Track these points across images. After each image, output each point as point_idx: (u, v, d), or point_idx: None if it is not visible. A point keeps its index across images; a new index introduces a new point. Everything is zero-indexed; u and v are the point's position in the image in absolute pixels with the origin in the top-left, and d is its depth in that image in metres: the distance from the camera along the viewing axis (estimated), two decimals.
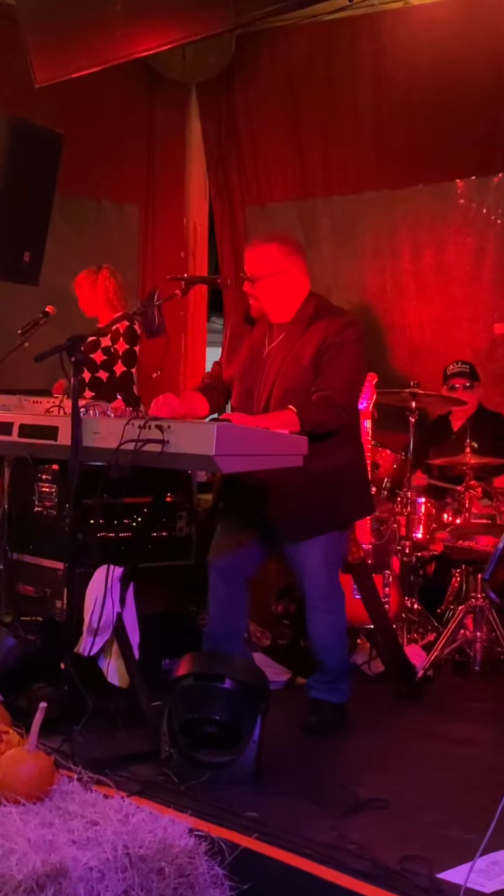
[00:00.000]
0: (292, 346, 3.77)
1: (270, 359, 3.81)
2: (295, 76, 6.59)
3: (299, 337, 3.77)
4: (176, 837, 2.64)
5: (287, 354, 3.76)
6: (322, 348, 3.71)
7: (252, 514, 3.84)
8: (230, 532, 3.95)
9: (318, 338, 3.72)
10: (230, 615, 3.96)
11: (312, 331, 3.75)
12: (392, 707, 4.20)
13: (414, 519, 4.86)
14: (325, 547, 3.79)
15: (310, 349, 3.72)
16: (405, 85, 6.11)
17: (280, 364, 3.77)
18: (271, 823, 2.88)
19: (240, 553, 3.93)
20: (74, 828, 2.64)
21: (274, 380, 3.76)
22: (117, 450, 3.29)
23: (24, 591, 4.08)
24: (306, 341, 3.74)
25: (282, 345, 3.80)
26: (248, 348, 3.89)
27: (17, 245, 4.44)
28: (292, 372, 3.74)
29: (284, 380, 3.74)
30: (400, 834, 2.89)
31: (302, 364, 3.72)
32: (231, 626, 3.96)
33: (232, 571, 3.93)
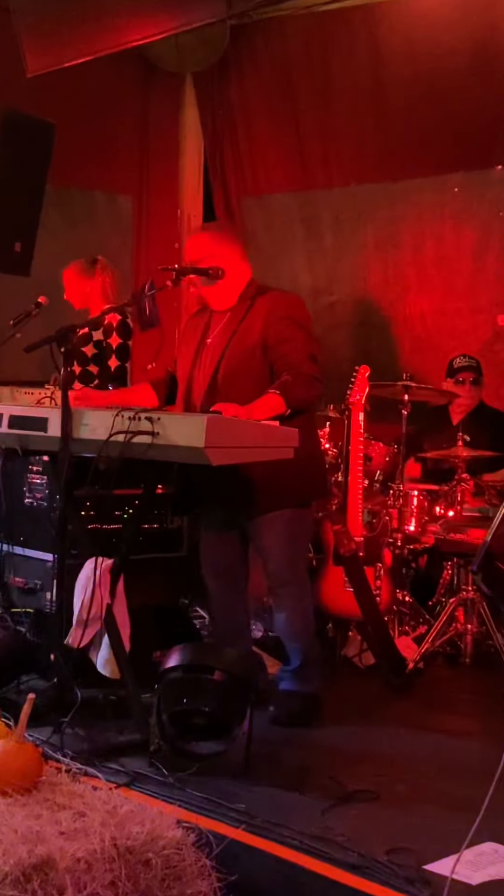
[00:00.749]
0: (236, 327, 3.78)
1: (213, 345, 3.83)
2: (291, 67, 6.55)
3: (243, 316, 3.78)
4: (164, 829, 2.64)
5: (232, 335, 3.78)
6: (269, 324, 3.71)
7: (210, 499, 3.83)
8: (209, 529, 3.98)
9: (263, 314, 3.74)
10: (230, 612, 3.95)
11: (256, 309, 3.77)
12: (382, 699, 4.20)
13: (406, 512, 4.85)
14: (285, 524, 3.77)
15: (256, 327, 3.73)
16: (403, 76, 6.06)
17: (224, 348, 3.78)
18: (259, 815, 2.88)
19: (223, 549, 3.94)
20: (62, 819, 2.64)
21: (218, 363, 3.77)
22: (107, 441, 3.28)
23: (14, 583, 4.08)
24: (251, 320, 3.76)
25: (225, 329, 3.81)
26: (191, 340, 3.93)
27: (8, 235, 4.43)
28: (237, 353, 3.75)
29: (230, 360, 3.75)
30: (388, 826, 2.89)
31: (249, 342, 3.73)
32: (233, 622, 3.96)
33: (221, 569, 3.95)
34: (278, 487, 3.71)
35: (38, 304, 4.72)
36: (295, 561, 3.86)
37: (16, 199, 4.38)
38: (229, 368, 3.75)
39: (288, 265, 6.70)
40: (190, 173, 7.18)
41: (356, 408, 4.57)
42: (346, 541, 4.36)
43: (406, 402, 5.01)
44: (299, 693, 3.86)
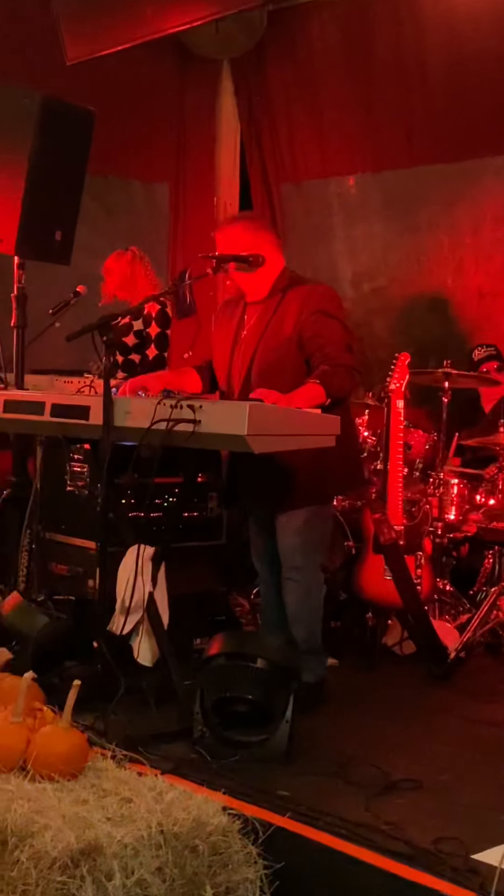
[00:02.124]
0: (269, 319, 3.77)
1: (248, 337, 3.82)
2: (330, 50, 6.46)
3: (275, 310, 3.77)
4: (209, 815, 2.65)
5: (265, 329, 3.77)
6: (303, 317, 3.70)
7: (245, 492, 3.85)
8: (250, 519, 4.01)
9: (297, 307, 3.72)
10: (277, 598, 3.94)
11: (288, 301, 3.75)
12: (424, 688, 4.18)
13: (446, 500, 4.82)
14: (303, 514, 3.76)
15: (290, 319, 3.72)
16: (449, 55, 5.93)
17: (258, 340, 3.77)
18: (304, 802, 2.88)
19: (261, 539, 3.95)
20: (108, 805, 2.66)
21: (252, 356, 3.77)
22: (149, 430, 3.28)
23: (57, 571, 4.10)
24: (284, 312, 3.74)
25: (258, 322, 3.80)
26: (226, 331, 3.92)
27: (49, 224, 4.42)
28: (272, 344, 3.74)
29: (264, 354, 3.74)
30: (434, 814, 2.88)
31: (283, 335, 3.72)
32: (281, 608, 3.94)
33: (264, 557, 3.95)
34: (310, 484, 3.71)
35: (77, 293, 4.73)
36: (308, 548, 3.82)
37: (56, 187, 4.37)
38: (263, 363, 3.74)
39: (326, 252, 6.65)
40: (226, 161, 7.17)
41: (396, 395, 4.54)
42: (385, 529, 4.33)
43: (447, 389, 4.97)
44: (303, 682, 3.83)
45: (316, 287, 3.85)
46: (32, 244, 4.38)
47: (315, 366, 3.65)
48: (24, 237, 4.30)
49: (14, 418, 3.83)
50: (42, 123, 4.25)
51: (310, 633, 3.86)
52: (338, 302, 3.86)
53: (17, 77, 5.13)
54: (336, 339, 3.69)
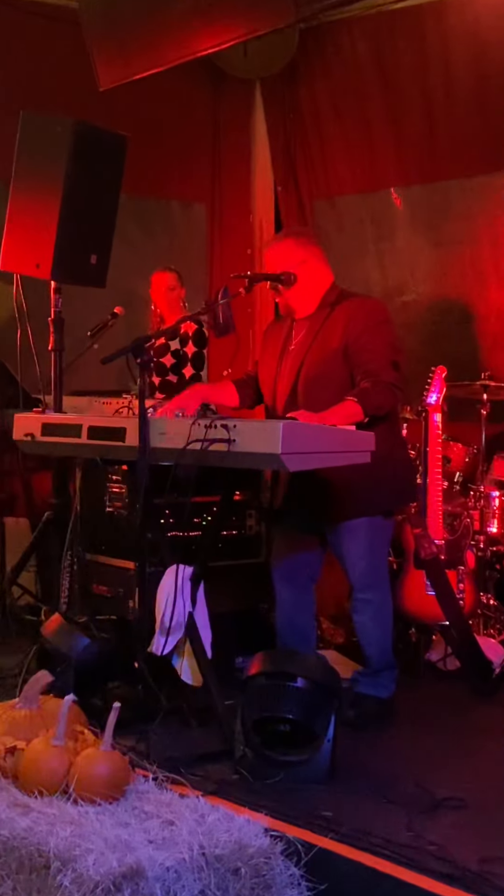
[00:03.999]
0: (317, 333, 3.77)
1: (295, 351, 3.82)
2: (360, 67, 6.50)
3: (322, 323, 3.77)
4: (252, 837, 2.64)
5: (312, 343, 3.76)
6: (350, 331, 3.69)
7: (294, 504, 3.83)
8: (286, 534, 3.97)
9: (344, 321, 3.72)
10: (298, 617, 3.95)
11: (336, 315, 3.75)
12: (469, 704, 4.13)
13: (488, 513, 4.78)
14: (366, 533, 3.77)
15: (337, 333, 3.72)
16: (476, 70, 5.95)
17: (305, 353, 3.77)
18: (347, 823, 2.86)
19: (299, 554, 3.93)
20: (150, 827, 2.66)
21: (299, 370, 3.77)
22: (184, 450, 3.30)
23: (98, 591, 4.12)
24: (331, 326, 3.74)
25: (306, 335, 3.80)
26: (274, 345, 3.92)
27: (84, 248, 4.47)
28: (318, 359, 3.73)
29: (310, 368, 3.74)
30: (479, 834, 2.85)
31: (330, 348, 3.72)
32: (300, 627, 3.95)
33: (294, 574, 3.93)
34: (363, 495, 3.71)
35: (115, 315, 4.78)
36: (376, 567, 3.86)
37: (90, 212, 4.42)
38: (310, 375, 3.74)
39: (360, 266, 6.65)
40: (261, 179, 7.19)
41: (433, 409, 4.52)
42: (426, 544, 4.31)
43: (485, 401, 4.93)
44: (375, 697, 3.84)
45: (366, 301, 3.86)
46: (68, 268, 4.43)
47: (357, 381, 3.65)
48: (60, 261, 4.35)
49: (53, 441, 3.87)
50: (75, 149, 4.30)
51: (383, 650, 3.88)
52: (386, 316, 3.85)
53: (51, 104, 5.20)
54: (380, 355, 3.69)
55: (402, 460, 4.03)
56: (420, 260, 6.40)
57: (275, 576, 3.98)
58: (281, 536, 4.00)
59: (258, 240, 7.16)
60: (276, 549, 4.01)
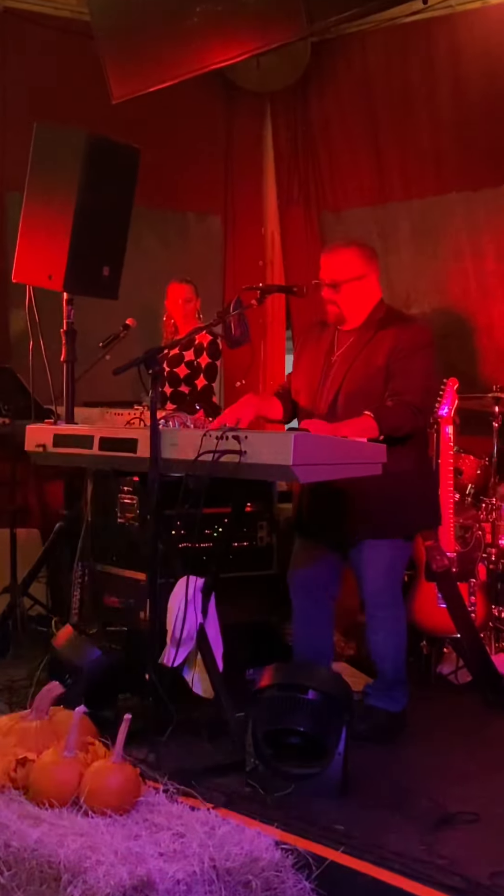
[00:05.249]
0: (362, 349, 3.78)
1: (339, 363, 3.82)
2: (371, 81, 6.53)
3: (369, 340, 3.78)
4: (262, 850, 2.63)
5: (356, 357, 3.77)
6: (395, 353, 3.71)
7: (319, 519, 3.83)
8: (307, 546, 3.96)
9: (390, 342, 3.73)
10: (315, 631, 3.94)
11: (383, 335, 3.76)
12: (480, 717, 4.12)
13: (499, 525, 4.76)
14: (387, 552, 3.77)
15: (382, 352, 3.73)
16: (484, 85, 6.00)
17: (349, 367, 3.78)
18: (358, 836, 2.86)
19: (318, 567, 3.92)
20: (161, 840, 2.65)
21: (341, 382, 3.77)
22: (195, 461, 3.30)
23: (109, 603, 4.12)
24: (377, 345, 3.75)
25: (351, 348, 3.81)
26: (315, 354, 3.91)
27: (97, 260, 4.48)
28: (361, 374, 3.74)
29: (352, 381, 3.75)
30: (491, 849, 2.83)
31: (374, 366, 3.72)
32: (317, 641, 3.94)
33: (312, 586, 3.92)
34: (389, 516, 3.71)
35: (127, 327, 4.79)
36: (392, 586, 3.86)
37: (103, 223, 4.43)
38: (351, 389, 3.75)
39: None
40: (272, 191, 7.21)
41: (445, 421, 4.52)
42: (438, 556, 4.30)
43: (497, 413, 4.93)
44: (386, 711, 3.83)
45: (411, 327, 3.86)
46: (80, 280, 4.44)
47: (386, 396, 3.66)
48: (72, 273, 4.36)
49: (64, 452, 3.88)
50: (88, 161, 4.32)
51: (397, 666, 3.88)
52: (429, 340, 3.85)
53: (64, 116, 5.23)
54: (413, 379, 3.70)
55: (429, 483, 4.03)
56: (425, 273, 6.42)
57: (292, 588, 3.97)
58: (301, 549, 3.98)
59: (270, 251, 7.19)
60: (294, 561, 3.99)
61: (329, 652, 4.06)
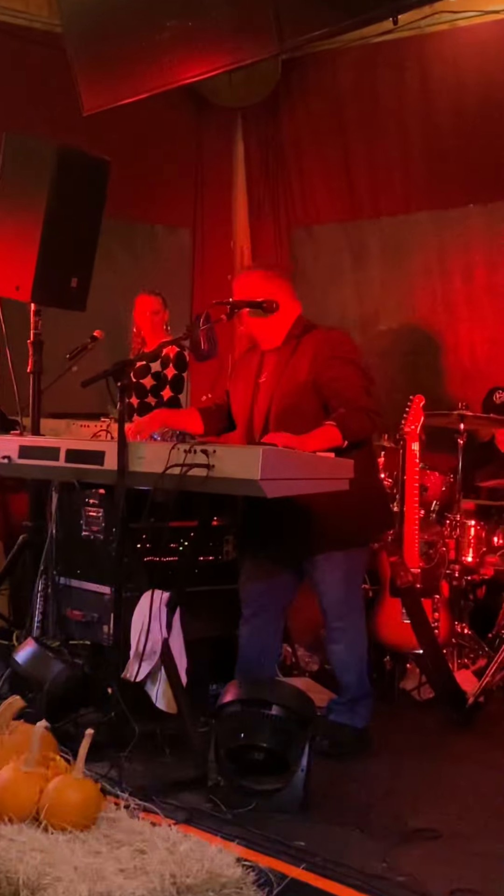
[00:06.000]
0: (284, 368, 3.79)
1: (265, 386, 3.85)
2: (341, 99, 6.60)
3: (290, 356, 3.79)
4: (224, 867, 2.61)
5: (281, 375, 3.79)
6: (317, 363, 3.72)
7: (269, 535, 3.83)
8: (260, 561, 3.94)
9: (311, 352, 3.75)
10: (262, 642, 3.93)
11: (303, 347, 3.78)
12: (442, 734, 4.13)
13: (463, 542, 4.79)
14: (341, 563, 3.77)
15: (305, 364, 3.74)
16: (453, 105, 6.09)
17: (274, 388, 3.80)
18: (320, 853, 2.85)
19: (271, 581, 3.91)
20: (121, 856, 2.63)
21: (270, 402, 3.79)
22: (163, 475, 3.29)
23: (72, 616, 4.09)
24: (299, 358, 3.77)
25: (275, 369, 3.83)
26: (246, 379, 3.94)
27: (65, 271, 4.47)
28: (287, 392, 3.76)
29: (280, 401, 3.77)
30: (451, 865, 2.84)
31: (298, 381, 3.74)
32: (263, 652, 3.93)
33: (261, 599, 3.91)
34: (340, 528, 3.71)
35: (94, 338, 4.78)
36: (350, 596, 3.86)
37: (71, 235, 4.43)
38: (280, 408, 3.77)
39: (336, 295, 6.72)
40: (242, 206, 7.26)
41: (411, 437, 4.54)
42: (402, 572, 4.31)
43: (462, 431, 4.96)
44: (350, 726, 3.83)
45: (330, 332, 3.88)
46: (48, 291, 4.43)
47: (333, 409, 3.67)
48: (40, 284, 4.35)
49: (30, 464, 3.85)
50: (58, 172, 4.31)
51: (360, 679, 3.87)
52: (352, 346, 3.88)
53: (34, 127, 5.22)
54: (353, 383, 3.72)
55: (378, 490, 4.04)
56: (394, 290, 6.48)
57: (244, 601, 3.95)
58: (253, 562, 3.97)
59: (239, 266, 7.21)
60: (246, 573, 3.97)
61: (275, 661, 4.06)
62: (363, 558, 3.96)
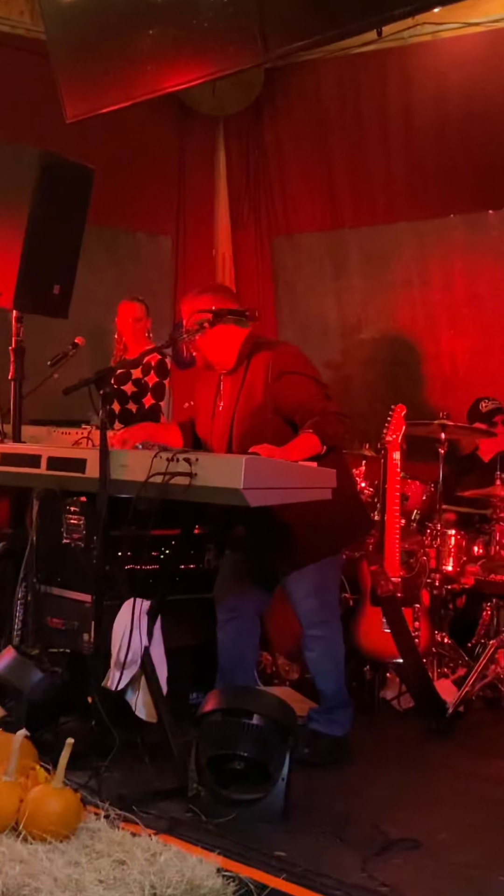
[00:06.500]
0: (240, 389, 3.79)
1: (224, 408, 3.85)
2: (324, 109, 6.63)
3: (243, 378, 3.80)
4: (204, 878, 2.61)
5: (237, 399, 3.79)
6: (271, 382, 3.71)
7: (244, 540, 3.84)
8: (233, 567, 3.95)
9: (262, 372, 3.74)
10: (238, 650, 3.93)
11: (254, 367, 3.77)
12: (422, 743, 4.14)
13: (444, 551, 4.81)
14: (316, 571, 3.77)
15: (258, 385, 3.74)
16: (435, 116, 6.13)
17: (233, 412, 3.80)
18: (300, 863, 2.85)
19: (243, 588, 3.92)
20: (101, 867, 2.62)
21: (231, 425, 3.79)
22: (145, 483, 3.28)
23: (52, 624, 4.06)
24: (252, 379, 3.77)
25: (232, 390, 3.83)
26: (206, 402, 3.95)
27: (47, 278, 4.46)
28: (246, 412, 3.76)
29: (241, 423, 3.77)
30: (431, 875, 2.84)
31: (255, 402, 3.74)
32: (240, 660, 3.93)
33: (237, 607, 3.91)
34: (314, 540, 3.72)
35: (76, 345, 4.76)
36: (325, 603, 3.85)
37: (54, 242, 4.41)
38: (241, 430, 3.77)
39: (317, 304, 6.75)
40: (224, 214, 7.26)
41: (392, 447, 4.55)
42: (383, 581, 4.32)
43: (443, 440, 4.98)
44: (329, 735, 3.83)
45: (277, 349, 3.85)
46: (30, 298, 4.41)
47: (302, 420, 3.66)
48: (22, 291, 4.34)
49: (11, 471, 3.83)
50: (41, 179, 4.30)
51: (338, 687, 3.87)
52: (301, 358, 3.85)
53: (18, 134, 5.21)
54: (311, 393, 3.72)
55: (351, 497, 4.01)
56: (375, 300, 6.52)
57: (219, 607, 3.95)
58: (225, 568, 3.98)
59: (221, 273, 7.22)
60: (219, 580, 3.98)
61: (251, 668, 4.06)
62: (337, 564, 3.95)
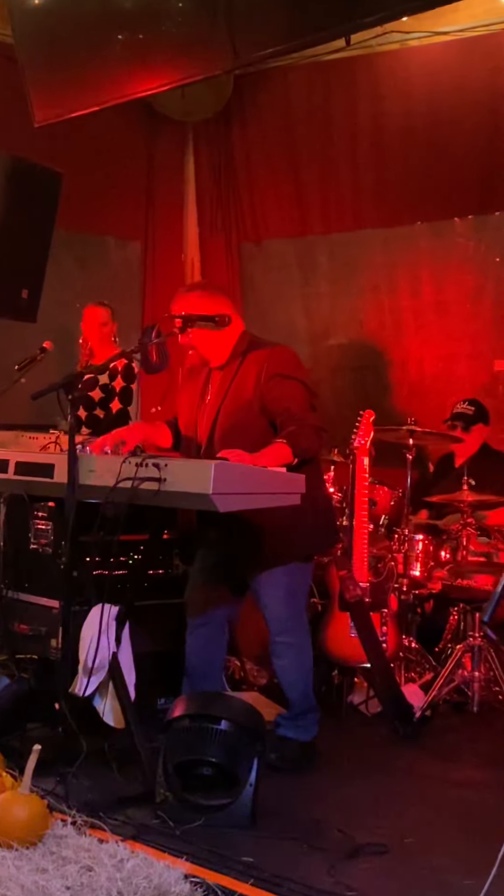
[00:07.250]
0: (229, 385, 3.81)
1: (210, 404, 3.86)
2: (293, 115, 6.66)
3: (235, 373, 3.81)
4: (171, 883, 2.61)
5: (226, 394, 3.80)
6: (263, 381, 3.73)
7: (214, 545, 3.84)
8: (204, 573, 3.96)
9: (256, 370, 3.75)
10: (207, 654, 3.93)
11: (248, 364, 3.79)
12: (390, 748, 4.15)
13: (411, 556, 4.83)
14: (284, 578, 3.78)
15: (249, 383, 3.75)
16: (402, 124, 6.18)
17: (219, 406, 3.81)
18: (268, 869, 2.85)
19: (214, 594, 3.93)
20: (68, 873, 2.61)
21: (215, 420, 3.80)
22: (114, 488, 3.28)
23: (19, 630, 4.04)
24: (244, 376, 3.78)
25: (221, 385, 3.84)
26: (192, 396, 3.95)
27: (15, 282, 4.46)
28: (233, 408, 3.77)
29: (226, 417, 3.78)
30: (398, 879, 2.86)
31: (244, 399, 3.75)
32: (208, 665, 3.94)
33: (208, 613, 3.92)
34: (283, 544, 3.73)
35: (44, 350, 4.75)
36: (294, 610, 3.86)
37: (23, 246, 4.42)
38: (225, 426, 3.77)
39: (285, 309, 6.78)
40: (193, 219, 7.27)
41: (361, 452, 4.57)
42: (351, 586, 4.34)
43: (411, 446, 5.01)
44: (296, 741, 3.85)
45: (274, 349, 3.86)
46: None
47: (281, 426, 3.67)
48: None
49: None
50: (9, 184, 4.30)
51: (304, 693, 3.88)
52: (297, 362, 3.88)
53: None
54: (299, 400, 3.73)
55: (323, 505, 4.03)
56: (343, 306, 6.55)
57: (189, 611, 3.96)
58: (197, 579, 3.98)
59: (190, 278, 7.22)
60: (191, 582, 3.99)
61: (220, 673, 4.07)
62: (306, 572, 3.96)
